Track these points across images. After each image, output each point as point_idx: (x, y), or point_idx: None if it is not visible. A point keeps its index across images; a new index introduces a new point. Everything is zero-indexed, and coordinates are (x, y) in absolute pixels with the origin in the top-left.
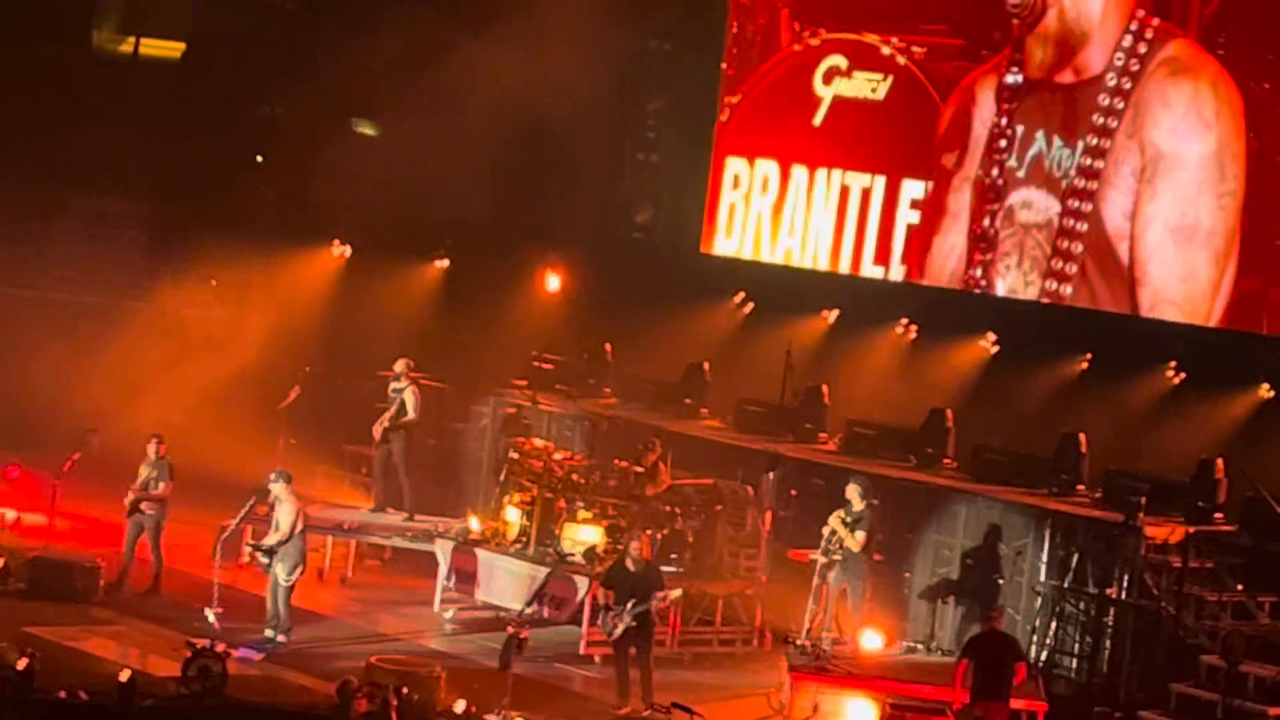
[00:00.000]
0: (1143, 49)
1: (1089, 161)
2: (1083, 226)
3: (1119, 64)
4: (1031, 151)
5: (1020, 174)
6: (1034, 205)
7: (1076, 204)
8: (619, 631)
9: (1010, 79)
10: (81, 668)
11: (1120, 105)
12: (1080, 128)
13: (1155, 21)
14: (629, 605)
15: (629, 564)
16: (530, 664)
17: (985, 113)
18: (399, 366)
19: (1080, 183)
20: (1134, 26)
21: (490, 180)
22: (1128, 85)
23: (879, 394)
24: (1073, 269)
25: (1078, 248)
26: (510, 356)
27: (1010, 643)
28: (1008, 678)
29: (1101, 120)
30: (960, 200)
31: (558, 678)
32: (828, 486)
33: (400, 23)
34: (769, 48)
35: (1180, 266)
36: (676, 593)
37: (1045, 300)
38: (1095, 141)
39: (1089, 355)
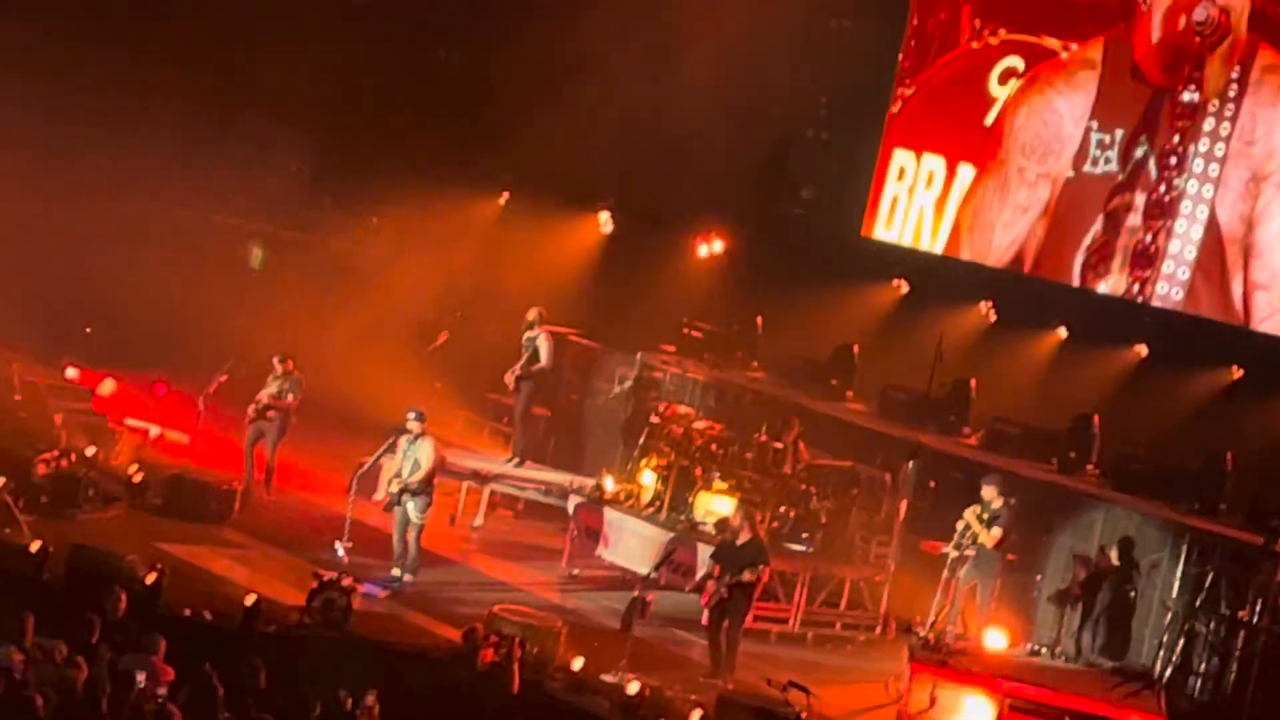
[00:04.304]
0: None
1: (1204, 167)
2: (1196, 233)
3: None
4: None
5: (1190, 191)
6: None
7: (1197, 209)
8: (712, 602)
9: (1187, 97)
10: (208, 588)
11: (1230, 112)
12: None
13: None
14: (727, 578)
15: (734, 538)
16: (651, 628)
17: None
18: (531, 315)
19: (1194, 188)
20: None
21: (660, 141)
22: (1233, 93)
23: (1026, 393)
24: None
25: (1191, 253)
26: (661, 321)
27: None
28: None
29: (1212, 126)
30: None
31: (677, 644)
32: (966, 481)
33: None
34: (947, 42)
35: None
36: (758, 572)
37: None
38: (1207, 147)
39: (1240, 370)
